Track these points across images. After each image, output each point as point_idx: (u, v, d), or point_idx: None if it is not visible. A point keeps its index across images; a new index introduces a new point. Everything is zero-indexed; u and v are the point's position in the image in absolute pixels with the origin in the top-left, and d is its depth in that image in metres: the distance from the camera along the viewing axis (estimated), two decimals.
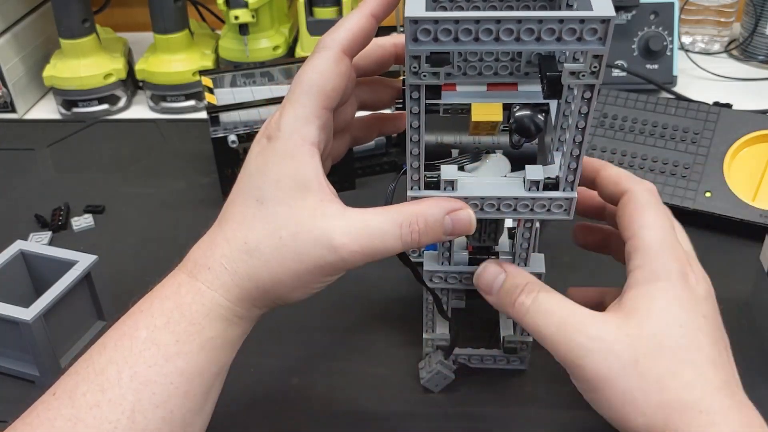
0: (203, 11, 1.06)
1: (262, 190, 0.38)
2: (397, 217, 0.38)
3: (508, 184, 0.41)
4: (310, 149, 0.38)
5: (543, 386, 0.51)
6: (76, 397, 0.36)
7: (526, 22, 0.33)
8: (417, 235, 0.38)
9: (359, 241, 0.37)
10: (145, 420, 0.35)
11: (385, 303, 0.59)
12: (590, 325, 0.37)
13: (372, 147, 0.75)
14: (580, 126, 0.37)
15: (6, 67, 0.89)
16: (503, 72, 0.45)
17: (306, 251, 0.37)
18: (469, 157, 0.43)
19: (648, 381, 0.36)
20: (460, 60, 0.44)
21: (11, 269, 0.56)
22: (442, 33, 0.34)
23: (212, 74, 0.74)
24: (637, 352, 0.36)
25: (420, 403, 0.50)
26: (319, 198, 0.37)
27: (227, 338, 0.39)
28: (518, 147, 0.43)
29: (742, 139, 0.66)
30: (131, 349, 0.37)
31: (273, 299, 0.39)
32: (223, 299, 0.38)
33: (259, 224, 0.38)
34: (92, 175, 0.78)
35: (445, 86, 0.42)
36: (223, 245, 0.38)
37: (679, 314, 0.37)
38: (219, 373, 0.39)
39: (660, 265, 0.38)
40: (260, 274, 0.38)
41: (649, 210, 0.40)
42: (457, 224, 0.39)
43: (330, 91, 0.38)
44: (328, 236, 0.37)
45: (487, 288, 0.43)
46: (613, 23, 0.33)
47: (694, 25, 0.97)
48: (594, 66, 0.35)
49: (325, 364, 0.54)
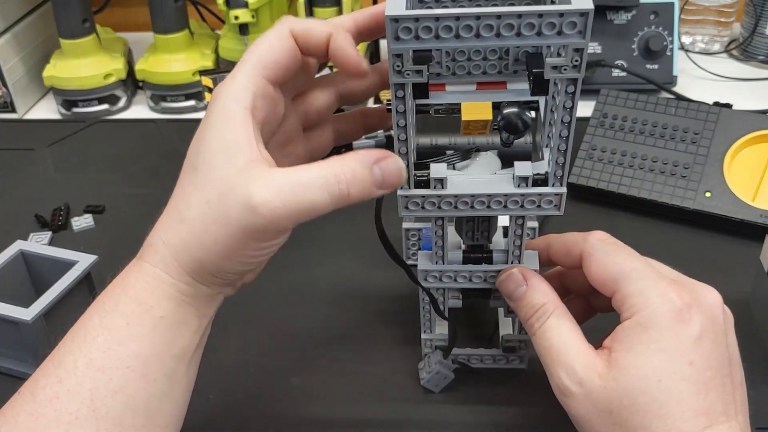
0: (203, 11, 1.06)
1: (197, 156, 0.37)
2: (321, 169, 0.36)
3: (497, 181, 0.41)
4: (242, 112, 0.37)
5: (543, 386, 0.51)
6: (36, 392, 0.36)
7: (505, 17, 0.34)
8: (345, 186, 0.36)
9: (281, 196, 0.35)
10: (105, 407, 0.35)
11: (385, 303, 0.59)
12: (577, 369, 0.39)
13: (372, 147, 0.75)
14: (565, 120, 0.37)
15: (6, 67, 0.89)
16: (492, 71, 0.45)
17: (230, 214, 0.35)
18: (460, 156, 0.43)
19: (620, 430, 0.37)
20: (449, 60, 0.44)
21: (11, 269, 0.56)
22: (422, 31, 0.34)
23: (212, 74, 0.74)
24: (612, 404, 0.37)
25: (420, 403, 0.50)
26: (246, 159, 0.36)
27: (179, 319, 0.38)
28: (508, 145, 0.43)
29: (742, 139, 0.67)
30: (85, 337, 0.36)
31: (210, 271, 0.37)
32: (165, 274, 0.37)
33: (192, 191, 0.37)
34: (92, 175, 0.78)
35: (434, 86, 0.43)
36: (164, 220, 0.38)
37: (659, 367, 0.37)
38: (181, 356, 0.38)
39: (648, 313, 0.38)
40: (191, 243, 0.36)
41: (613, 258, 0.41)
42: (386, 172, 0.37)
43: (270, 63, 0.38)
44: (249, 194, 0.35)
45: (507, 294, 0.44)
46: (592, 16, 0.33)
47: (694, 25, 0.97)
48: (575, 60, 0.35)
49: (325, 364, 0.54)
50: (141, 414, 0.36)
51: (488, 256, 0.46)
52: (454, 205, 0.41)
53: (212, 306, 0.40)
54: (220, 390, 0.51)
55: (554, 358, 0.40)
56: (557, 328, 0.41)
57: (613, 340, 0.39)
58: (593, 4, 0.33)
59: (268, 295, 0.59)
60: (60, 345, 0.38)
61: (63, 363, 0.36)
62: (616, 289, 0.40)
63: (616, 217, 0.68)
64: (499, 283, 0.45)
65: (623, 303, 0.39)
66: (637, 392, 0.37)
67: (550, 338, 0.41)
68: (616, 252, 0.41)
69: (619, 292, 0.40)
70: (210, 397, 0.51)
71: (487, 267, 0.46)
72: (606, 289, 0.41)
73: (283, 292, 0.60)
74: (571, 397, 0.39)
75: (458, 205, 0.41)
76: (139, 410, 0.36)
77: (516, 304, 0.44)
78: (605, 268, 0.41)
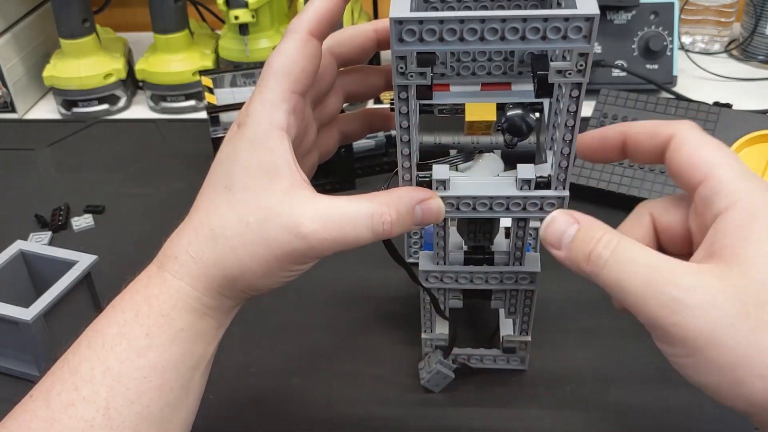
0: (203, 11, 1.06)
1: (231, 177, 0.37)
2: (369, 206, 0.37)
3: (500, 183, 0.41)
4: (279, 134, 0.37)
5: (543, 386, 0.51)
6: (51, 398, 0.35)
7: (510, 21, 0.33)
8: (389, 226, 0.37)
9: (329, 228, 0.36)
10: (120, 416, 0.35)
11: (385, 303, 0.59)
12: (685, 277, 0.32)
13: (372, 147, 0.75)
14: (569, 124, 0.37)
15: (6, 67, 0.89)
16: (497, 72, 0.45)
17: (274, 237, 0.36)
18: (462, 157, 0.43)
19: (765, 336, 0.30)
20: (453, 60, 0.44)
21: (11, 269, 0.56)
22: (427, 33, 0.34)
23: (212, 74, 0.74)
24: (748, 304, 0.30)
25: (420, 403, 0.50)
26: (288, 183, 0.36)
27: (198, 330, 0.38)
28: (512, 146, 0.43)
29: (742, 139, 0.66)
30: (103, 345, 0.36)
31: (241, 288, 0.38)
32: (190, 288, 0.37)
33: (226, 210, 0.37)
34: (92, 175, 0.78)
35: (439, 86, 0.43)
36: (190, 233, 0.38)
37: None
38: (196, 367, 0.38)
39: (754, 200, 0.32)
40: (227, 261, 0.37)
41: (710, 146, 0.35)
42: (426, 213, 0.39)
43: (298, 74, 0.37)
44: (297, 222, 0.36)
45: (555, 242, 0.37)
46: (598, 21, 0.33)
47: (694, 25, 0.97)
48: (580, 64, 0.35)
49: (325, 364, 0.54)
50: (155, 423, 0.36)
51: (490, 258, 0.46)
52: (456, 207, 0.41)
53: (230, 316, 0.40)
54: (220, 391, 0.51)
55: (648, 275, 0.32)
56: (635, 247, 0.34)
57: (717, 235, 0.33)
58: (598, 9, 0.33)
59: (268, 296, 0.59)
60: (74, 350, 0.37)
61: (79, 371, 0.36)
62: (710, 176, 0.34)
63: (616, 217, 0.67)
64: (544, 231, 0.38)
65: (719, 191, 0.33)
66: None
67: (632, 257, 0.33)
68: (712, 142, 0.35)
69: (713, 178, 0.34)
70: (211, 398, 0.50)
71: (488, 268, 0.46)
72: (696, 175, 0.35)
73: (284, 293, 0.60)
74: (687, 312, 0.31)
75: (460, 207, 0.41)
76: (154, 420, 0.36)
77: (569, 246, 0.36)
78: (700, 151, 0.35)
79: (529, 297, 0.47)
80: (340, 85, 0.44)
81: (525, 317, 0.49)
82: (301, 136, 0.41)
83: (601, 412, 0.49)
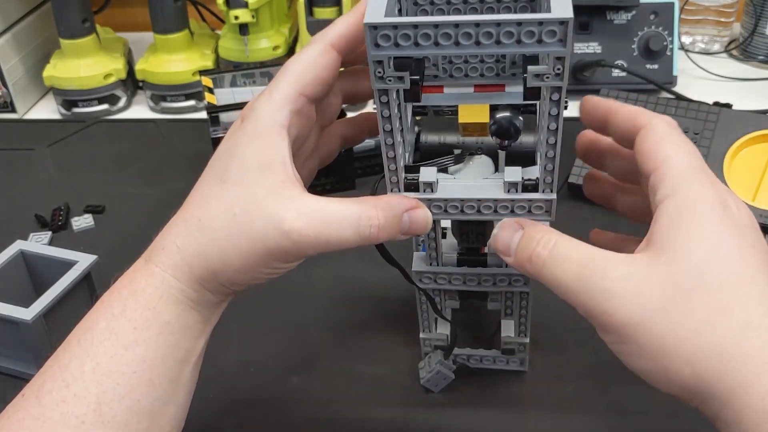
0: (203, 11, 1.06)
1: (227, 170, 0.37)
2: (357, 208, 0.37)
3: (487, 186, 0.41)
4: (279, 131, 0.37)
5: (542, 387, 0.51)
6: (42, 396, 0.36)
7: (484, 25, 0.33)
8: (377, 230, 0.37)
9: (312, 226, 0.36)
10: (111, 411, 0.35)
11: (385, 303, 0.59)
12: (616, 268, 0.32)
13: (372, 147, 0.75)
14: (551, 128, 0.37)
15: (6, 67, 0.89)
16: (489, 73, 0.44)
17: (257, 229, 0.36)
18: (453, 159, 0.43)
19: (692, 321, 0.30)
20: (446, 62, 0.44)
21: (11, 269, 0.56)
22: (401, 38, 0.34)
23: (212, 74, 0.74)
24: (675, 290, 0.31)
25: (420, 403, 0.50)
26: (279, 179, 0.36)
27: (185, 324, 0.38)
28: (504, 149, 0.43)
29: (742, 139, 0.66)
30: (92, 341, 0.36)
31: (221, 281, 0.38)
32: (174, 279, 0.37)
33: (215, 202, 0.37)
34: (92, 175, 0.78)
35: (432, 88, 0.43)
36: (180, 225, 0.38)
37: (722, 244, 0.31)
38: (184, 361, 0.38)
39: (694, 190, 0.33)
40: (209, 252, 0.37)
41: (672, 140, 0.35)
42: (413, 222, 0.39)
43: (310, 79, 0.38)
44: (281, 217, 0.35)
45: (504, 249, 0.38)
46: (572, 25, 0.33)
47: (694, 25, 0.97)
48: (557, 68, 0.34)
49: (325, 364, 0.54)
50: (145, 418, 0.36)
51: (483, 260, 0.46)
52: (444, 209, 0.41)
53: (216, 313, 0.40)
54: (220, 390, 0.51)
55: (580, 270, 0.33)
56: (570, 244, 0.35)
57: (655, 224, 0.33)
58: (572, 13, 0.33)
59: (268, 294, 0.59)
60: (64, 347, 0.38)
61: (69, 367, 0.36)
62: (660, 166, 0.34)
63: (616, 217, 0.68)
64: (494, 240, 0.39)
65: (663, 181, 0.34)
66: (706, 269, 0.31)
67: (566, 254, 0.34)
68: (678, 138, 0.36)
69: (662, 168, 0.34)
70: (210, 397, 0.51)
71: (481, 270, 0.46)
72: (650, 164, 0.35)
73: (283, 292, 0.60)
74: (615, 300, 0.32)
75: (448, 209, 0.41)
76: (144, 414, 0.36)
77: (515, 253, 0.37)
78: (660, 143, 0.35)
79: (525, 299, 0.47)
80: (339, 85, 0.44)
81: (522, 319, 0.48)
82: (302, 138, 0.41)
83: (601, 412, 0.49)
